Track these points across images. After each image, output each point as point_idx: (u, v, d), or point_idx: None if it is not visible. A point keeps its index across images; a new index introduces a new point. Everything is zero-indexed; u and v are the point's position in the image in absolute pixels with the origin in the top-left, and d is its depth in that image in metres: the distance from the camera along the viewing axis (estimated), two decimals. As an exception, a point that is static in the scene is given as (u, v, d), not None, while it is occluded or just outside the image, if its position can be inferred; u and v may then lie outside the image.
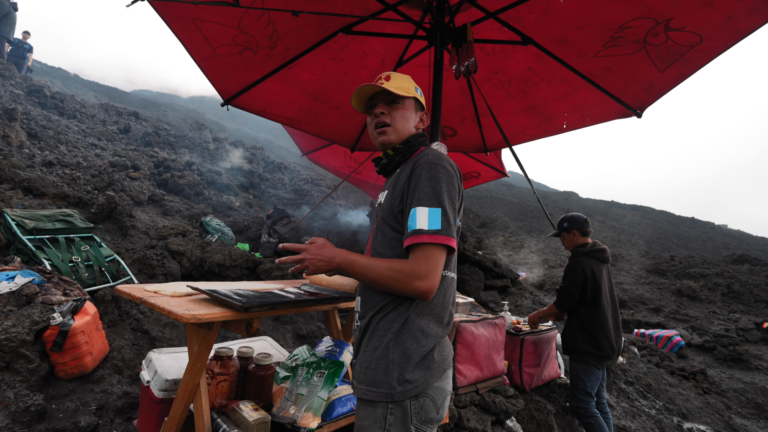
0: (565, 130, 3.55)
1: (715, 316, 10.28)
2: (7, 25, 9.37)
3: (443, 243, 1.16)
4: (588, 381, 2.90)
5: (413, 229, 1.18)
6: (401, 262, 1.18)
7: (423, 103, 1.47)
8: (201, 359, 1.58)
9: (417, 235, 1.17)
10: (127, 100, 18.08)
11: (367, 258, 1.22)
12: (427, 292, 1.16)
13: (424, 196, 1.19)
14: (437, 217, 1.17)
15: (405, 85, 1.41)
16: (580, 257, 3.01)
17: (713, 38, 2.32)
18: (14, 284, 2.42)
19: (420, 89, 1.49)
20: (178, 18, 2.42)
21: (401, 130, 1.39)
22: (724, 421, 4.66)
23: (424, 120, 1.47)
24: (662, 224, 32.21)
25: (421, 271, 1.14)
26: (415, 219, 1.18)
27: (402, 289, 1.17)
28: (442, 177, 1.22)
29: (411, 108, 1.42)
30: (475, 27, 2.72)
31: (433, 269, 1.15)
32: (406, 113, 1.40)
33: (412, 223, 1.19)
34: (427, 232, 1.16)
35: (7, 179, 4.06)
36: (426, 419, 1.20)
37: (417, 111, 1.45)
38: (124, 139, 8.69)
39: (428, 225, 1.16)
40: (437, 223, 1.16)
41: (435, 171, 1.22)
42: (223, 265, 3.95)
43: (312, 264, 1.21)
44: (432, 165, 1.24)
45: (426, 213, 1.17)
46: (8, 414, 1.85)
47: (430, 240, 1.15)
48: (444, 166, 1.25)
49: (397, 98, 1.39)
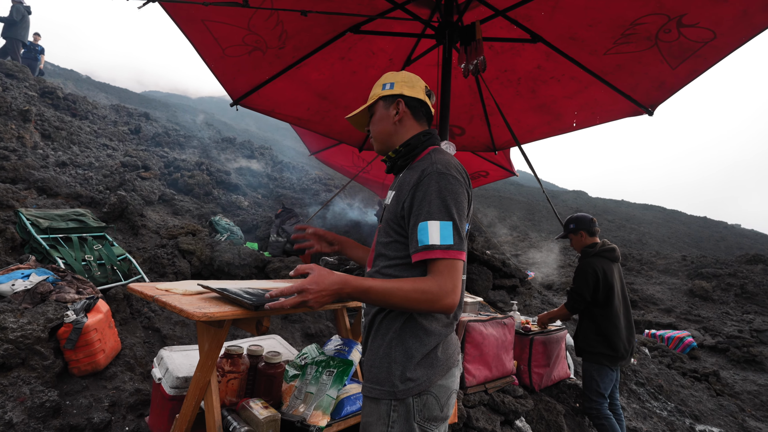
0: (575, 129, 3.51)
1: (728, 317, 10.12)
2: (22, 28, 9.57)
3: (457, 258, 1.14)
4: (601, 382, 2.87)
5: (425, 244, 1.14)
6: (423, 281, 1.13)
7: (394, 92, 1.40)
8: (212, 357, 1.59)
9: (430, 250, 1.13)
10: (137, 101, 18.30)
11: (383, 282, 1.14)
12: (454, 306, 1.13)
13: (435, 210, 1.15)
14: (449, 231, 1.14)
15: (373, 92, 1.45)
16: (591, 258, 2.98)
17: (727, 34, 2.28)
18: (29, 282, 2.46)
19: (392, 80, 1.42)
20: (189, 19, 2.45)
21: (378, 135, 1.42)
22: (738, 424, 4.58)
23: (400, 108, 1.39)
24: (673, 223, 31.77)
25: (447, 288, 1.11)
26: (427, 233, 1.14)
27: (429, 309, 1.13)
28: (452, 186, 1.19)
29: (380, 109, 1.42)
30: (484, 25, 2.71)
31: (457, 284, 1.13)
32: (376, 118, 1.42)
33: (423, 238, 1.14)
34: (440, 248, 1.12)
35: (22, 179, 4.14)
36: (429, 417, 1.21)
37: (388, 106, 1.40)
38: (135, 140, 8.80)
39: (440, 240, 1.13)
40: (449, 238, 1.13)
41: (444, 182, 1.18)
42: (232, 264, 3.98)
43: (317, 302, 1.10)
44: (441, 175, 1.19)
45: (438, 227, 1.14)
46: (24, 409, 1.89)
47: (445, 255, 1.12)
48: (453, 174, 1.21)
49: (369, 109, 1.45)
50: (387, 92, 1.40)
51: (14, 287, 2.42)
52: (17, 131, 5.18)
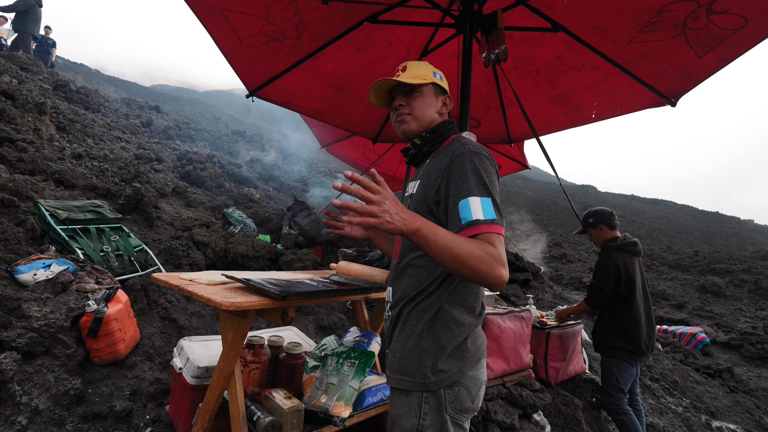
0: (594, 120, 3.45)
1: (742, 313, 9.98)
2: (32, 21, 9.53)
3: (501, 233, 1.11)
4: (621, 377, 2.84)
5: (470, 219, 1.11)
6: (486, 244, 1.07)
7: (444, 87, 1.43)
8: (236, 347, 1.59)
9: (476, 225, 1.10)
10: (146, 95, 18.40)
11: (450, 232, 1.08)
12: (505, 281, 1.08)
13: (474, 186, 1.15)
14: (489, 206, 1.13)
15: (421, 72, 1.39)
16: (612, 252, 2.93)
17: (759, 20, 2.20)
18: (50, 272, 2.49)
19: (441, 73, 1.44)
20: (207, 8, 2.42)
21: (421, 117, 1.37)
22: (755, 421, 4.53)
23: (447, 104, 1.43)
24: (685, 219, 31.36)
25: (503, 258, 1.08)
26: (469, 209, 1.12)
27: (486, 273, 1.04)
28: (486, 165, 1.19)
29: (430, 94, 1.39)
30: (505, 14, 2.65)
31: (505, 257, 1.09)
32: (425, 100, 1.38)
33: (467, 215, 1.12)
34: (485, 222, 1.10)
35: (40, 171, 4.17)
36: (461, 408, 1.20)
37: (438, 96, 1.41)
38: (147, 133, 8.85)
39: (484, 215, 1.11)
40: (491, 213, 1.12)
41: (479, 160, 1.19)
42: (246, 256, 3.99)
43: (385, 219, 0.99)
44: (474, 154, 1.20)
45: (479, 203, 1.12)
46: (50, 397, 1.91)
47: (490, 230, 1.09)
48: (485, 154, 1.22)
49: (415, 87, 1.37)
50: (439, 82, 1.41)
51: (36, 277, 2.45)
52: (34, 123, 5.22)
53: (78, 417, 1.94)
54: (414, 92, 1.37)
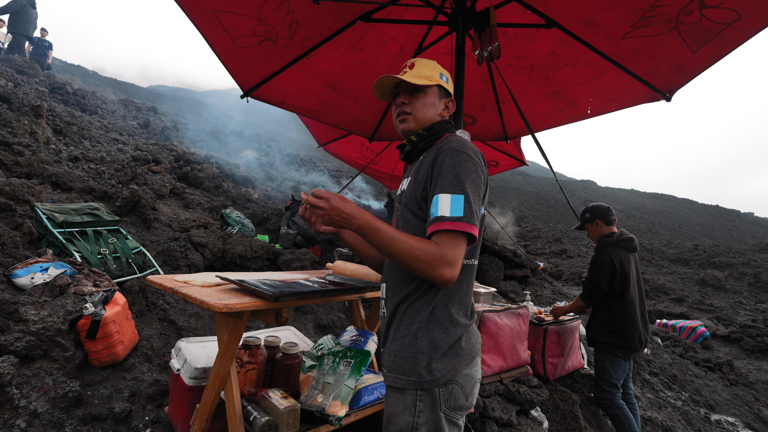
0: (590, 116, 3.45)
1: (742, 306, 10.00)
2: (25, 21, 9.40)
3: (465, 231, 1.13)
4: (614, 372, 2.85)
5: (435, 216, 1.15)
6: (431, 243, 1.13)
7: (449, 90, 1.44)
8: (231, 348, 1.60)
9: (440, 222, 1.14)
10: (143, 96, 18.37)
11: (394, 229, 1.16)
12: (450, 281, 1.13)
13: (447, 183, 1.17)
14: (460, 204, 1.14)
15: (428, 72, 1.39)
16: (607, 247, 2.94)
17: (752, 14, 2.20)
18: (48, 275, 2.50)
19: (448, 75, 1.45)
20: (199, 10, 2.42)
21: (421, 118, 1.38)
22: (754, 413, 4.54)
23: (450, 107, 1.44)
24: (685, 213, 31.36)
25: (449, 257, 1.11)
26: (437, 206, 1.16)
27: (425, 272, 1.12)
28: (466, 164, 1.20)
29: (434, 96, 1.39)
30: (498, 11, 2.65)
31: (459, 258, 1.13)
32: (428, 101, 1.38)
33: (434, 210, 1.16)
34: (450, 219, 1.13)
35: (37, 174, 4.18)
36: (455, 406, 1.22)
37: (442, 98, 1.42)
38: (144, 134, 8.84)
39: (450, 212, 1.14)
40: (459, 210, 1.14)
41: (459, 158, 1.20)
42: (244, 257, 4.00)
43: (329, 216, 1.16)
44: (456, 152, 1.21)
45: (449, 200, 1.15)
46: (48, 399, 1.92)
47: (453, 227, 1.12)
48: (468, 153, 1.22)
49: (419, 87, 1.38)
50: (444, 84, 1.41)
51: (33, 280, 2.46)
52: (30, 127, 5.22)
53: (77, 419, 1.95)
54: (418, 92, 1.39)
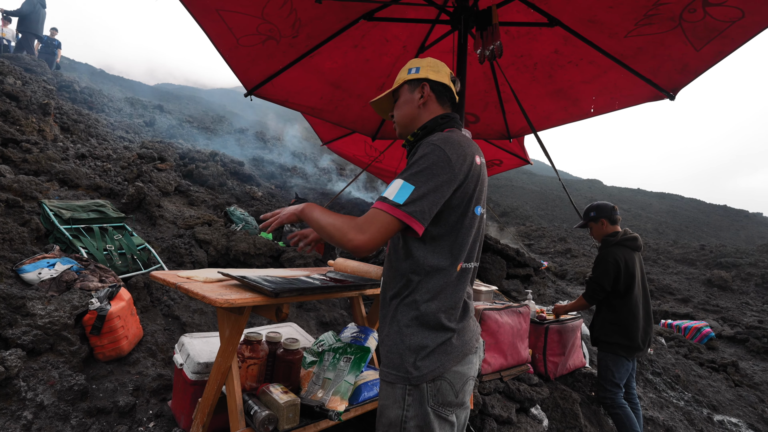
0: (593, 115, 3.43)
1: (748, 307, 9.91)
2: (36, 22, 9.63)
3: (397, 217, 1.14)
4: (617, 372, 2.85)
5: (381, 195, 1.20)
6: (348, 218, 1.21)
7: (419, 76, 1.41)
8: (232, 343, 1.63)
9: (381, 201, 1.18)
10: (150, 94, 18.50)
11: (325, 211, 1.28)
12: (358, 248, 1.14)
13: (406, 171, 1.21)
14: (406, 192, 1.16)
15: (400, 76, 1.46)
16: (612, 247, 2.92)
17: (757, 12, 2.18)
18: (55, 271, 2.54)
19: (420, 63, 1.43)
20: (203, 9, 2.45)
21: (401, 120, 1.44)
22: (758, 415, 4.51)
23: (425, 92, 1.40)
24: (692, 212, 31.06)
25: (361, 228, 1.15)
26: (388, 187, 1.20)
27: (339, 239, 1.18)
28: (432, 158, 1.20)
29: (405, 94, 1.44)
30: (500, 9, 2.65)
31: (374, 231, 1.14)
32: (401, 102, 1.44)
33: (384, 190, 1.21)
34: (389, 202, 1.16)
35: (44, 171, 4.23)
36: (443, 402, 1.23)
37: (414, 90, 1.41)
38: (150, 132, 8.92)
39: (394, 197, 1.16)
40: (402, 197, 1.16)
41: (428, 150, 1.22)
42: (248, 254, 4.03)
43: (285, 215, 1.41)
44: (428, 144, 1.23)
45: (399, 185, 1.18)
46: (54, 392, 1.96)
47: (388, 210, 1.15)
48: (442, 147, 1.21)
49: (394, 92, 1.47)
50: (412, 76, 1.42)
51: (41, 276, 2.50)
52: (38, 124, 5.29)
53: (82, 412, 1.99)
54: (395, 98, 1.47)
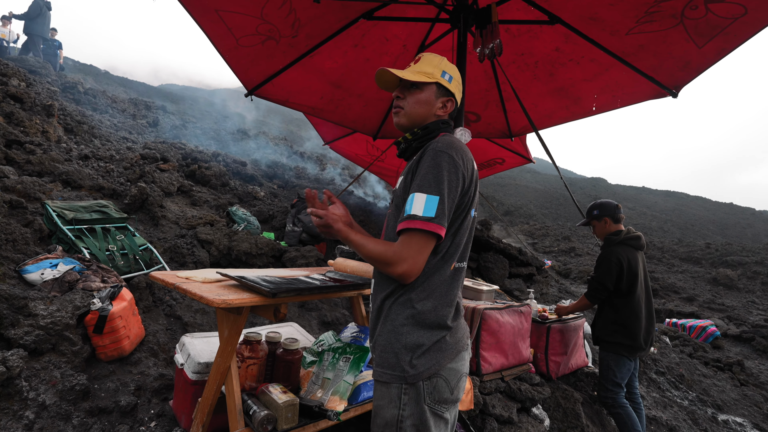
0: (595, 113, 3.42)
1: (754, 305, 9.83)
2: (42, 23, 9.74)
3: (432, 231, 1.17)
4: (618, 372, 2.83)
5: (408, 213, 1.20)
6: (389, 245, 1.21)
7: (451, 89, 1.39)
8: (231, 343, 1.63)
9: (412, 220, 1.18)
10: (154, 94, 18.59)
11: (362, 237, 1.26)
12: (405, 276, 1.20)
13: (424, 183, 1.20)
14: (433, 204, 1.18)
15: (429, 69, 1.37)
16: (614, 246, 2.90)
17: (759, 8, 2.16)
18: (57, 271, 2.55)
19: (453, 74, 1.40)
20: (203, 9, 2.45)
21: (412, 114, 1.37)
22: (763, 414, 4.48)
23: (448, 106, 1.40)
24: (697, 210, 30.84)
25: (404, 255, 1.18)
26: (412, 204, 1.20)
27: (384, 271, 1.22)
28: (445, 165, 1.21)
29: (430, 93, 1.37)
30: (500, 7, 2.64)
31: (415, 254, 1.18)
32: (422, 98, 1.36)
33: (408, 208, 1.21)
34: (420, 219, 1.17)
35: (48, 172, 4.26)
36: (439, 399, 1.24)
37: (440, 97, 1.38)
38: (153, 132, 8.96)
39: (423, 212, 1.17)
40: (432, 210, 1.17)
41: (439, 158, 1.22)
42: (249, 254, 4.04)
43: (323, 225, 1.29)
44: (438, 152, 1.23)
45: (423, 199, 1.19)
46: (56, 392, 1.97)
47: (423, 227, 1.17)
48: (450, 154, 1.23)
49: (415, 83, 1.36)
50: (446, 84, 1.38)
51: (43, 276, 2.52)
52: (41, 126, 5.32)
53: (84, 412, 2.00)
54: (414, 88, 1.37)
